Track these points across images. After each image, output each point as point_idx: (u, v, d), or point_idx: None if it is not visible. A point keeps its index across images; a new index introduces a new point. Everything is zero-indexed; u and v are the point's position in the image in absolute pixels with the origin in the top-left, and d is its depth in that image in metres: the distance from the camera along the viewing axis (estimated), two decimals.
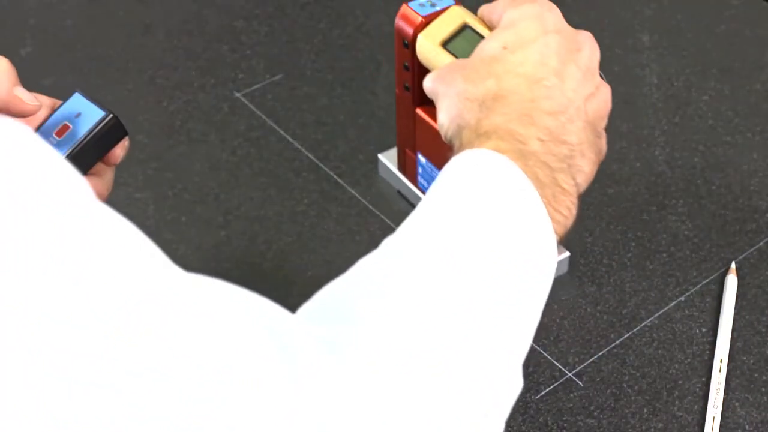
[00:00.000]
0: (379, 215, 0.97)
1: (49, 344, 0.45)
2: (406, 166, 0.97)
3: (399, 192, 0.98)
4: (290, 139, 1.05)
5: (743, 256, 0.94)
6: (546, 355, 0.87)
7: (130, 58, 1.14)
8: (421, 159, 0.94)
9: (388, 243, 0.68)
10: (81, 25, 1.18)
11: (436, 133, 0.87)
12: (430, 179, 0.92)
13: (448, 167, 0.70)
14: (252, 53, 1.15)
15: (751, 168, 1.02)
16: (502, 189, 0.67)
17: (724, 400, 0.83)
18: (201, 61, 1.14)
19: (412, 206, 0.94)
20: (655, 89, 1.10)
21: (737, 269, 0.92)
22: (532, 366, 0.86)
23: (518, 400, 0.84)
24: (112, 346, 0.46)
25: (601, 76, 0.78)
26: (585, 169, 0.73)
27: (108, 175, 0.79)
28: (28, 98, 0.76)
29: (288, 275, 0.93)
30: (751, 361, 0.86)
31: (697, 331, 0.88)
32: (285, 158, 1.03)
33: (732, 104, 1.08)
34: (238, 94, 1.10)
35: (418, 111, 0.92)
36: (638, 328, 0.89)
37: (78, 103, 0.79)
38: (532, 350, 0.87)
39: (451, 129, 0.74)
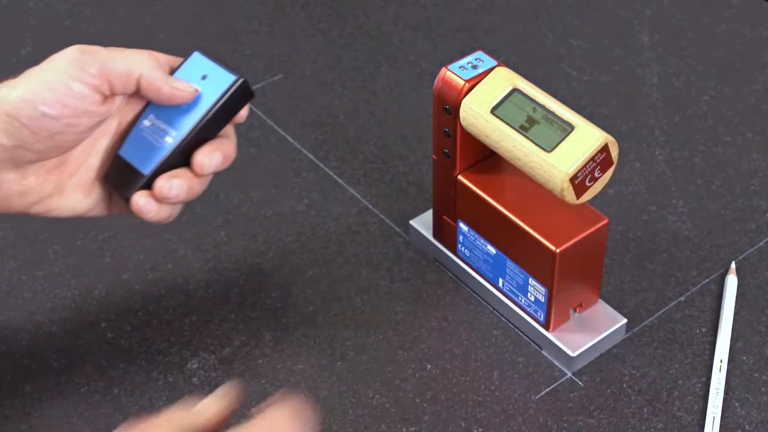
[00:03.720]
0: (378, 215, 0.98)
1: None
2: (444, 233, 0.92)
3: (435, 260, 0.94)
4: (290, 139, 1.05)
5: (743, 256, 0.94)
6: (546, 354, 0.87)
7: None
8: (463, 227, 0.89)
9: None
10: (81, 25, 1.18)
11: (479, 201, 0.86)
12: (473, 248, 0.89)
13: None
14: (252, 53, 1.15)
15: (751, 168, 1.02)
16: None
17: (724, 400, 0.83)
18: None
19: (451, 275, 0.93)
20: (655, 89, 1.10)
21: (737, 269, 0.92)
22: (532, 366, 0.86)
23: (518, 400, 0.84)
24: None
25: None
26: None
27: (232, 134, 0.80)
28: (186, 86, 0.77)
29: (288, 275, 0.93)
30: (751, 361, 0.86)
31: (697, 331, 0.89)
32: (285, 158, 1.03)
33: (732, 104, 1.08)
34: None
35: (460, 178, 0.86)
36: (638, 328, 0.89)
37: (200, 63, 0.79)
38: (532, 350, 0.87)
39: None
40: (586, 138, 0.77)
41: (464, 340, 0.88)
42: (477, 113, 0.81)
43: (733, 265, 0.92)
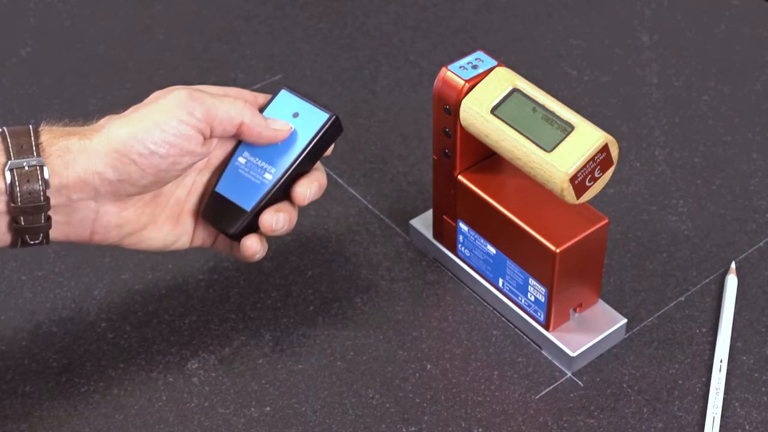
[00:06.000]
0: (378, 215, 0.98)
1: None
2: (444, 233, 0.92)
3: (435, 260, 0.94)
4: None
5: (743, 256, 0.94)
6: (546, 354, 0.87)
7: (130, 58, 1.14)
8: (463, 227, 0.89)
9: None
10: (81, 25, 1.18)
11: (479, 201, 0.86)
12: (473, 248, 0.89)
13: None
14: (252, 53, 1.15)
15: (751, 168, 1.02)
16: None
17: (724, 400, 0.83)
18: (201, 61, 1.14)
19: (451, 275, 0.93)
20: (655, 89, 1.10)
21: (737, 269, 0.92)
22: (532, 366, 0.86)
23: (518, 400, 0.84)
24: None
25: None
26: None
27: (320, 164, 0.84)
28: (283, 126, 0.82)
29: (288, 275, 0.93)
30: (751, 361, 0.86)
31: (697, 331, 0.88)
32: None
33: (732, 104, 1.08)
34: None
35: (460, 178, 0.86)
36: (638, 328, 0.89)
37: (289, 100, 0.84)
38: (532, 350, 0.87)
39: None
40: (586, 138, 0.77)
41: (464, 340, 0.88)
42: (477, 113, 0.81)
43: (733, 265, 0.92)
